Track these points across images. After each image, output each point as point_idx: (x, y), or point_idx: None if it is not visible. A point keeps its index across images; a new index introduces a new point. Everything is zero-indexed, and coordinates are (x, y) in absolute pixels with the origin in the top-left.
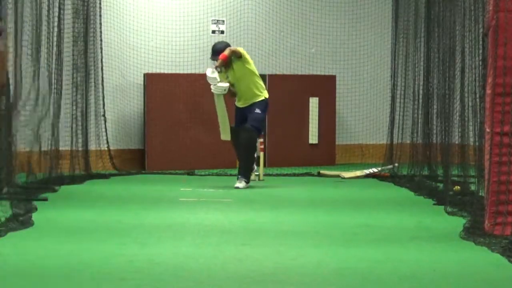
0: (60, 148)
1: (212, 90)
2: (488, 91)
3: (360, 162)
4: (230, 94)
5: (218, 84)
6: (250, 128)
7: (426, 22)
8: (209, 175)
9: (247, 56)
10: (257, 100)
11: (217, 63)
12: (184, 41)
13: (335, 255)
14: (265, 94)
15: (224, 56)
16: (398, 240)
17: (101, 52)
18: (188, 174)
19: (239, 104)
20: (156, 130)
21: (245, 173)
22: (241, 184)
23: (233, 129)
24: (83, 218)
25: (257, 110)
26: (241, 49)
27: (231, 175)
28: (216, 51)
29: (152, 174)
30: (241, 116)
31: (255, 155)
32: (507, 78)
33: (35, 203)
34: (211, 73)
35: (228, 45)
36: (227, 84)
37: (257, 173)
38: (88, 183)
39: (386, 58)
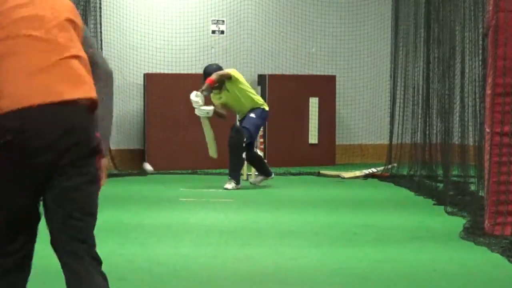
0: None
1: (195, 113)
2: (488, 91)
3: (360, 162)
4: (218, 115)
5: (201, 107)
6: (239, 128)
7: (426, 22)
8: (209, 175)
9: (238, 76)
10: (253, 107)
11: (203, 87)
12: (184, 41)
13: (335, 255)
14: (263, 106)
15: (210, 81)
16: (398, 240)
17: (101, 52)
18: (192, 173)
19: (239, 117)
20: (156, 130)
21: (233, 174)
22: (230, 185)
23: (233, 129)
24: None
25: (252, 115)
26: (230, 71)
27: None
28: (208, 73)
29: (152, 174)
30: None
31: (243, 156)
32: (507, 78)
33: None
34: (195, 96)
35: (219, 67)
36: (211, 108)
37: (257, 173)
38: None
39: (386, 59)
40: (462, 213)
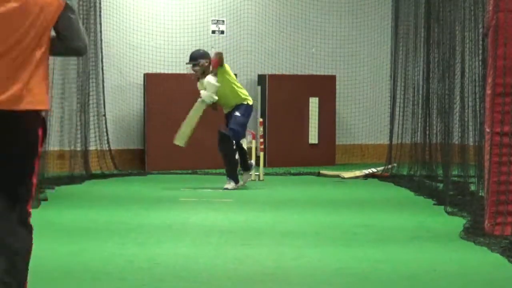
0: (60, 148)
1: (202, 97)
2: (488, 91)
3: (360, 162)
4: (212, 106)
5: (213, 94)
6: (225, 134)
7: (426, 22)
8: (209, 175)
9: (227, 67)
10: (238, 103)
11: (212, 71)
12: (184, 41)
13: (335, 255)
14: (246, 100)
15: (215, 62)
16: (398, 240)
17: (101, 52)
18: (192, 173)
19: (225, 111)
20: (156, 130)
21: (231, 175)
22: (230, 185)
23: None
24: (83, 218)
25: (237, 113)
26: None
27: None
28: (194, 57)
29: (152, 174)
30: (227, 122)
31: (239, 157)
32: (507, 78)
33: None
34: (215, 81)
35: (206, 52)
36: (216, 97)
37: (257, 173)
38: (88, 183)
39: (386, 58)
40: (462, 213)
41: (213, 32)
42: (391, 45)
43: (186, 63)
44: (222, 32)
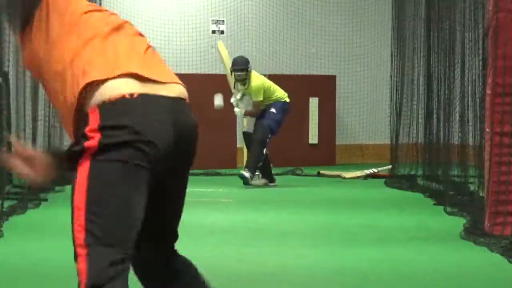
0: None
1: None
2: (488, 91)
3: (360, 162)
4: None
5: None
6: (265, 123)
7: (426, 22)
8: (209, 175)
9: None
10: (272, 101)
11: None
12: (184, 41)
13: (335, 255)
14: (280, 97)
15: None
16: (398, 240)
17: None
18: (192, 173)
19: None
20: None
21: (253, 167)
22: (247, 173)
23: (246, 133)
24: None
25: (272, 109)
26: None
27: (231, 175)
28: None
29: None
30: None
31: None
32: (507, 78)
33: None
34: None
35: (247, 61)
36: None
37: (257, 173)
38: None
39: (386, 58)
40: (462, 213)
41: (213, 32)
42: (391, 45)
43: (236, 69)
44: (222, 32)
